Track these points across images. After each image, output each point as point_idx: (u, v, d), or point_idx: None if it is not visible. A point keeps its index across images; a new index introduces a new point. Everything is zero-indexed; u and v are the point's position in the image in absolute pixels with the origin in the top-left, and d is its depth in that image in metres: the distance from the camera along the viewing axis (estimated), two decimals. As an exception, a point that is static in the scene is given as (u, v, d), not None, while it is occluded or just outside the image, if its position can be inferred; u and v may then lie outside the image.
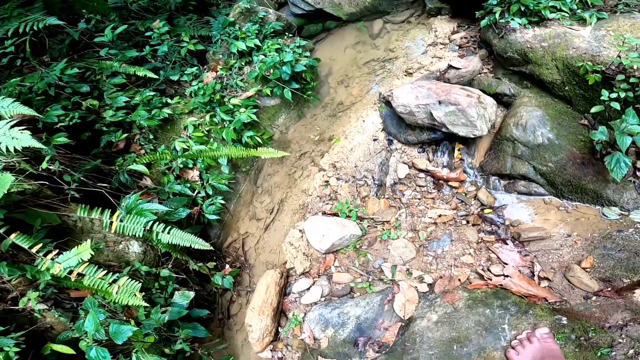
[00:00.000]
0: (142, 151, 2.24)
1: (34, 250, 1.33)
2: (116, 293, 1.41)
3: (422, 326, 1.58)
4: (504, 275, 1.64)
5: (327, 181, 2.15)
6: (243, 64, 2.53)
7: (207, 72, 2.60)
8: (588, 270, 1.55)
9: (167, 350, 1.69)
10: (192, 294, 1.82)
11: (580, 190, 1.63)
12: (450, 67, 2.13)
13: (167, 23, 2.57)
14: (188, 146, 2.22)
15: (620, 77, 1.56)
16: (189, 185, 2.17)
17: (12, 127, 1.31)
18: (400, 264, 1.81)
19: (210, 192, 2.19)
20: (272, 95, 2.41)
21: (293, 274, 1.99)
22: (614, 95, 1.54)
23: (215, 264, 2.07)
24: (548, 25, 1.92)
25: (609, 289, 1.47)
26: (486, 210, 1.86)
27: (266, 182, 2.42)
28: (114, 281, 1.43)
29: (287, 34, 2.71)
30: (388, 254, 1.84)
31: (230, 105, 2.34)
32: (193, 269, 2.01)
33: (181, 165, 2.19)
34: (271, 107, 2.52)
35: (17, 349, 1.30)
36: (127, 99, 2.19)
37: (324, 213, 2.05)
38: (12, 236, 1.33)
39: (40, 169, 1.57)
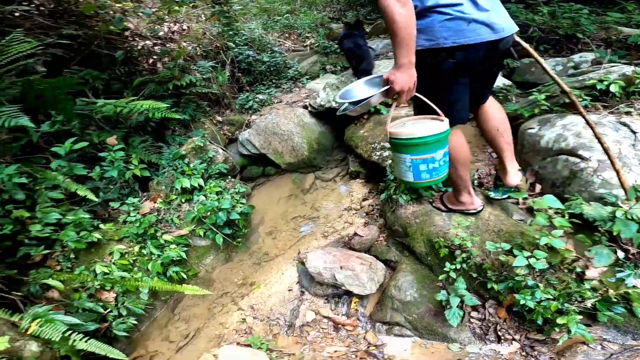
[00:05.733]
0: (58, 267, 2.24)
1: None
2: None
3: None
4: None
5: (244, 318, 2.35)
6: (183, 200, 2.76)
7: (146, 200, 2.76)
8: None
9: None
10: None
11: (434, 332, 2.07)
12: (355, 234, 2.61)
13: (122, 141, 2.70)
14: (109, 270, 2.28)
15: (458, 252, 2.09)
16: (101, 304, 2.17)
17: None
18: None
19: (124, 313, 2.20)
20: (204, 236, 2.62)
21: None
22: (452, 267, 2.06)
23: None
24: (423, 202, 2.43)
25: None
26: (371, 348, 2.19)
27: (185, 311, 2.50)
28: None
29: (229, 177, 3.10)
30: (291, 379, 2.01)
31: (162, 240, 2.49)
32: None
33: (98, 287, 2.21)
34: (201, 247, 2.70)
35: None
36: (59, 217, 2.25)
37: (238, 343, 2.21)
38: None
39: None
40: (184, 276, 2.48)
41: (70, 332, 1.77)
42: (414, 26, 1.38)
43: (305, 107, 3.96)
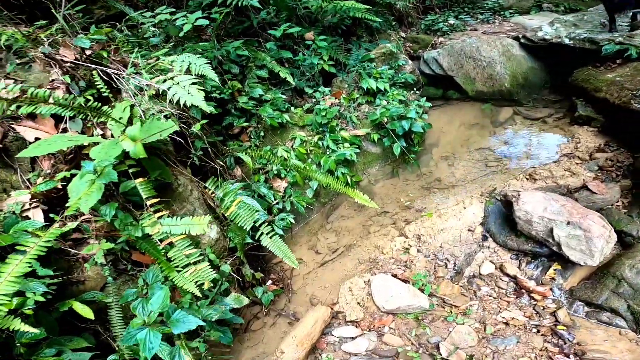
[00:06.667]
0: (248, 143, 2.30)
1: (149, 202, 1.30)
2: (187, 275, 1.33)
3: None
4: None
5: (407, 248, 2.05)
6: (364, 101, 2.59)
7: (327, 95, 2.68)
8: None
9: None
10: (246, 300, 1.71)
11: (665, 333, 1.57)
12: (585, 187, 1.99)
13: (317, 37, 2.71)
14: (288, 157, 2.23)
15: None
16: (272, 192, 2.15)
17: (193, 83, 1.35)
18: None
19: (288, 208, 2.16)
20: (376, 142, 2.41)
21: (340, 318, 1.89)
22: None
23: (262, 275, 2.00)
24: None
25: None
26: (559, 327, 1.80)
27: (337, 221, 2.35)
28: (194, 263, 1.37)
29: (414, 89, 2.74)
30: (448, 334, 1.75)
31: (338, 136, 2.35)
32: (244, 274, 1.94)
33: (275, 172, 2.19)
34: (371, 153, 2.51)
35: (41, 299, 1.10)
36: (262, 93, 2.32)
37: (394, 275, 1.95)
38: (137, 181, 1.30)
39: (191, 130, 1.68)
40: (349, 180, 2.29)
41: (260, 223, 1.75)
42: None
43: (515, 38, 3.42)
